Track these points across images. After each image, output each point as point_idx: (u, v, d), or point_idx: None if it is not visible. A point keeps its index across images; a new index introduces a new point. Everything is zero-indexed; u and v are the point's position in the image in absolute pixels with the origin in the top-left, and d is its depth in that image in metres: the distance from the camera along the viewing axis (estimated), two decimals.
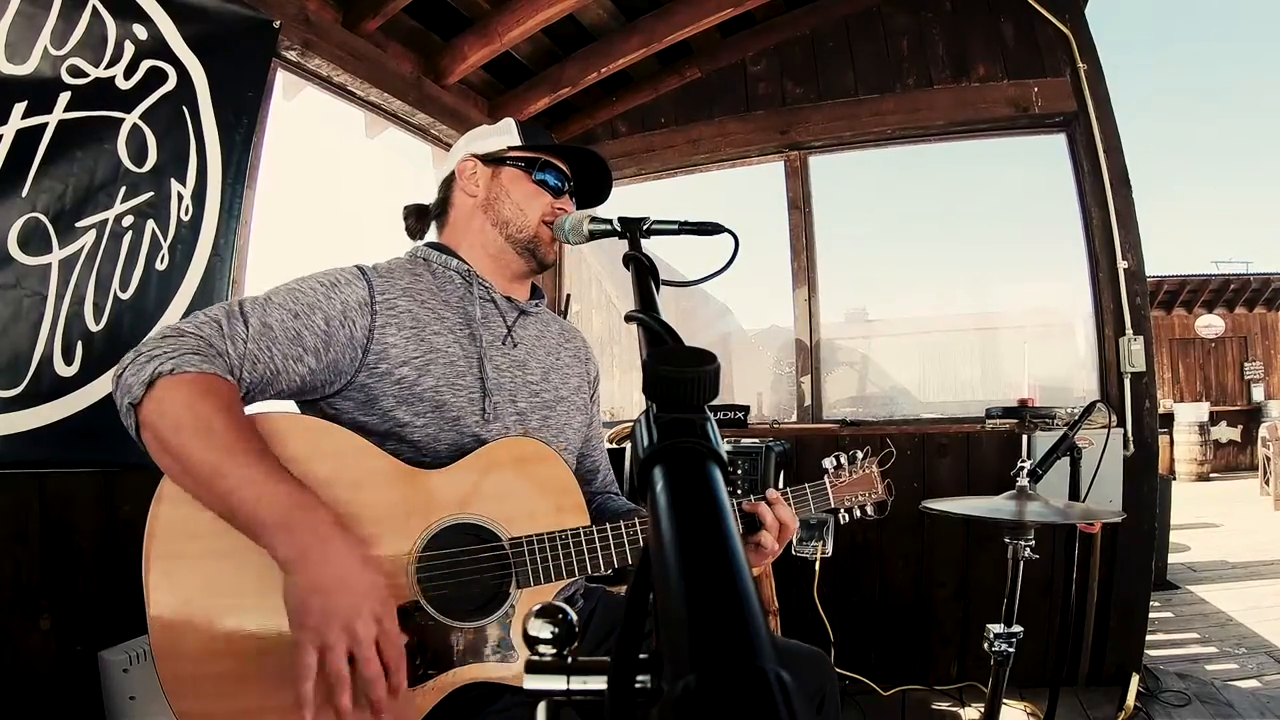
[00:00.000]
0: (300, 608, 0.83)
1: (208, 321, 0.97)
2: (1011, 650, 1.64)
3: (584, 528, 1.07)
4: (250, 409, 0.97)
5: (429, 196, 1.34)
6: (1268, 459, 7.71)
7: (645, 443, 0.40)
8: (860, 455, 1.34)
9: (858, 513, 1.33)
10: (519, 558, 1.02)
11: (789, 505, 1.16)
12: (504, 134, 1.25)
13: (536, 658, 0.46)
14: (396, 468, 1.01)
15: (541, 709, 0.45)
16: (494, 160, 1.24)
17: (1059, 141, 2.90)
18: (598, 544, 1.06)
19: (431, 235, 1.31)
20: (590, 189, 1.31)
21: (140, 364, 0.89)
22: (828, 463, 1.31)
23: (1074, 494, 1.94)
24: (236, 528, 0.87)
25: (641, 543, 1.08)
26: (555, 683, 0.45)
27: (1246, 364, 11.77)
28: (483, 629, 1.00)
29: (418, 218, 1.32)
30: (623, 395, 3.74)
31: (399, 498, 0.99)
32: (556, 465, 1.10)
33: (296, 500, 0.87)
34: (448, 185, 1.28)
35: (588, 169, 1.28)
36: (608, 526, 1.08)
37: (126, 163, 1.65)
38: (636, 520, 1.10)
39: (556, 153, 1.25)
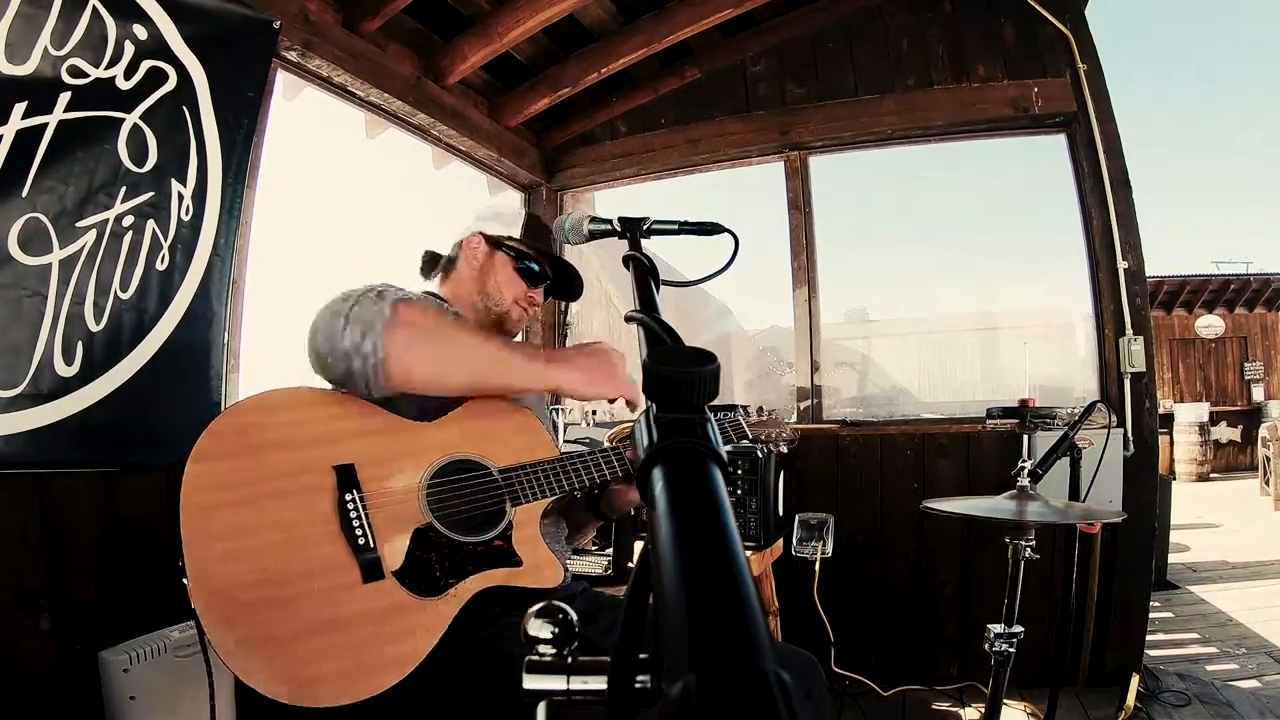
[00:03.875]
0: (583, 389, 1.20)
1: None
2: (1012, 650, 1.64)
3: (560, 456, 1.28)
4: (261, 391, 1.12)
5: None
6: (1268, 459, 7.70)
7: (645, 443, 0.40)
8: (765, 409, 1.75)
9: (772, 448, 1.70)
10: (509, 481, 1.20)
11: None
12: (510, 225, 1.50)
13: (536, 657, 0.46)
14: (400, 422, 1.18)
15: (541, 709, 0.45)
16: (494, 242, 1.49)
17: (1059, 142, 2.90)
18: (576, 467, 1.27)
19: (434, 282, 1.56)
20: (564, 287, 1.57)
21: (371, 299, 1.08)
22: (739, 410, 1.68)
23: (1074, 494, 1.94)
24: (500, 378, 1.18)
25: (605, 467, 1.30)
26: (555, 683, 0.45)
27: (1246, 364, 11.76)
28: (489, 542, 1.16)
29: (430, 264, 1.56)
30: None
31: (404, 443, 1.16)
32: (526, 415, 1.30)
33: (533, 351, 1.25)
34: (459, 246, 1.52)
35: (565, 272, 1.54)
36: (583, 453, 1.29)
37: (127, 163, 1.64)
38: (598, 450, 1.31)
39: (541, 254, 1.50)
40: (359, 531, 1.05)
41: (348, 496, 1.06)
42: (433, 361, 1.12)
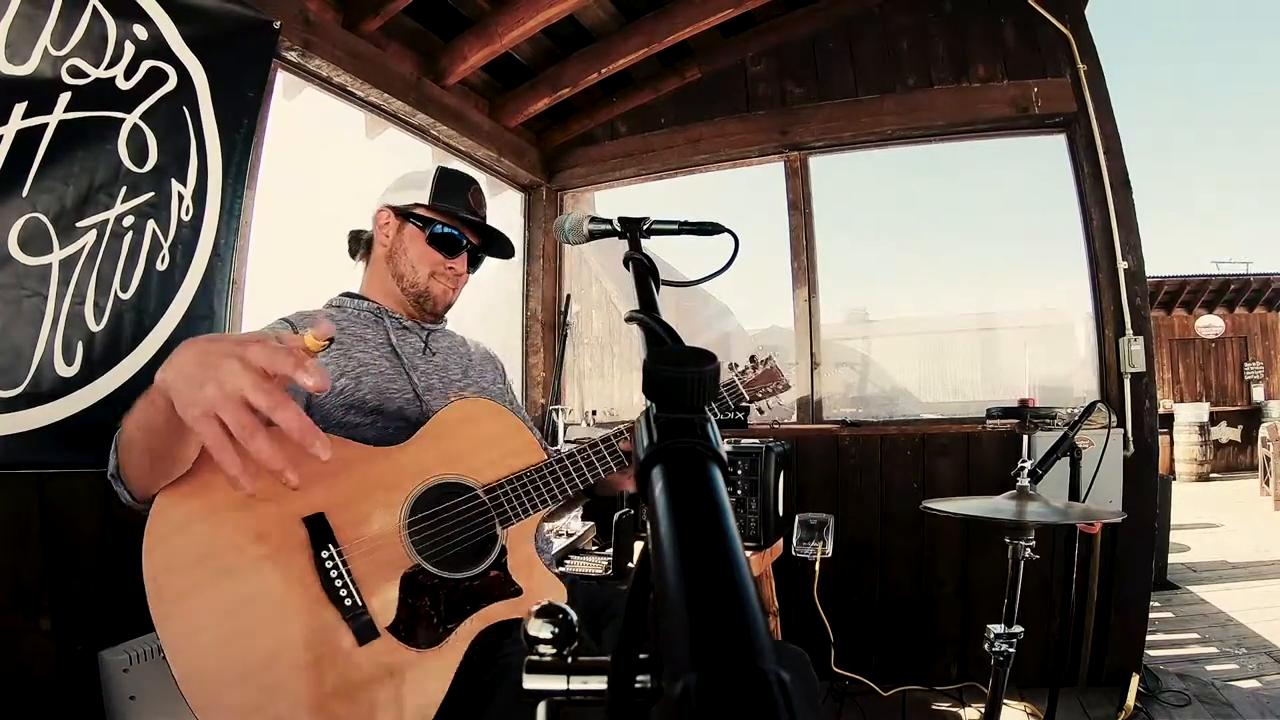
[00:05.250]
0: (178, 405, 0.76)
1: None
2: (1012, 650, 1.64)
3: (544, 462, 1.18)
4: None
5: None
6: (1268, 459, 7.70)
7: (645, 443, 0.40)
8: (756, 357, 1.49)
9: (772, 402, 1.48)
10: (496, 502, 1.12)
11: None
12: (418, 188, 1.34)
13: (536, 657, 0.46)
14: (364, 450, 1.08)
15: (541, 709, 0.45)
16: (402, 214, 1.35)
17: (1059, 142, 2.89)
18: (560, 473, 1.18)
19: (354, 277, 1.45)
20: (489, 248, 1.42)
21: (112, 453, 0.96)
22: (727, 368, 1.46)
23: (1074, 494, 1.94)
24: (162, 440, 0.86)
25: (598, 465, 1.21)
26: (555, 683, 0.45)
27: (1246, 364, 11.76)
28: (484, 574, 1.08)
29: (355, 242, 1.46)
30: (623, 395, 3.74)
31: (375, 475, 1.06)
32: (500, 415, 1.21)
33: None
34: (373, 225, 1.40)
35: (486, 232, 1.39)
36: (565, 458, 1.19)
37: (127, 163, 1.64)
38: (588, 447, 1.21)
39: (454, 217, 1.34)
40: (343, 591, 0.96)
41: (324, 553, 0.97)
42: (131, 473, 0.93)
